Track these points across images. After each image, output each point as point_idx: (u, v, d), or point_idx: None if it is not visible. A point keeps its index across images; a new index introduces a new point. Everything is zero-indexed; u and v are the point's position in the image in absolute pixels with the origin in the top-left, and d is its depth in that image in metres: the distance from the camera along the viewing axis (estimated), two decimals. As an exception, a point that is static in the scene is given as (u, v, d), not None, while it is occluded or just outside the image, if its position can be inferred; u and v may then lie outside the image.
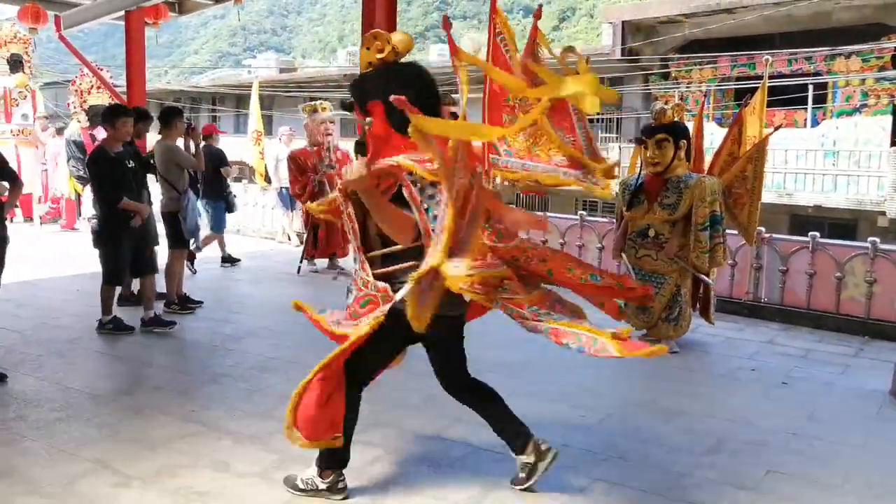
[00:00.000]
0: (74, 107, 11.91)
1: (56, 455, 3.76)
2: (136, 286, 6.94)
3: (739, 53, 18.11)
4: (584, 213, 8.72)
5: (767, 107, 6.33)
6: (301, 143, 9.50)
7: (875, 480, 3.70)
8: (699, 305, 6.20)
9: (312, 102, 8.91)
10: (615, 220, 6.72)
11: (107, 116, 6.08)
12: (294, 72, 33.07)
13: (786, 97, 16.93)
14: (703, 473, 3.71)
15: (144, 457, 3.75)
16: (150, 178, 6.68)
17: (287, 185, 9.82)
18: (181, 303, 6.94)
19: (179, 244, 6.88)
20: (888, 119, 16.06)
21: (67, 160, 11.76)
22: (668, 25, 19.33)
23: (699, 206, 5.65)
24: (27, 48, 13.59)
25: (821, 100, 17.61)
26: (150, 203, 6.51)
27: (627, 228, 6.04)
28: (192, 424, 4.19)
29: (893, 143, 15.39)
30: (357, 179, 2.83)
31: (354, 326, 3.01)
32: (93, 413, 4.36)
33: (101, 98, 11.83)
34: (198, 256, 8.86)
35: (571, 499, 3.42)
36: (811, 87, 17.23)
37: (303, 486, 3.40)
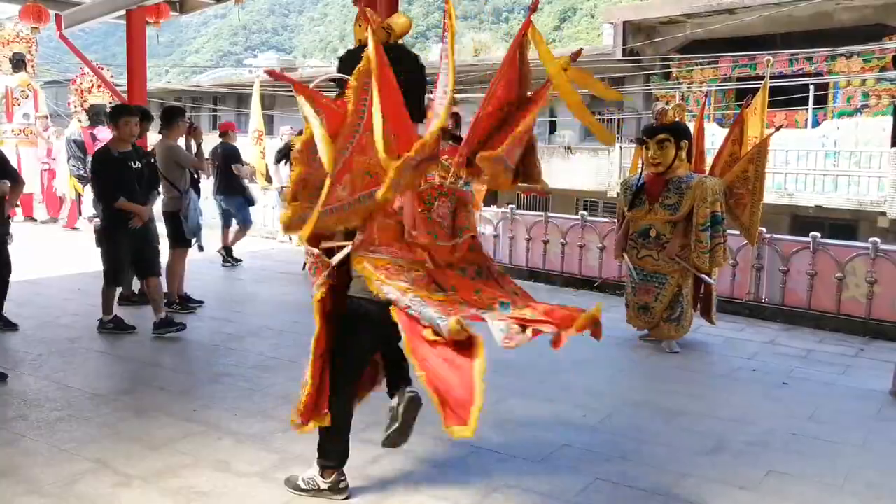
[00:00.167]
0: (75, 106, 11.90)
1: (57, 455, 3.77)
2: (137, 286, 6.95)
3: (740, 54, 18.10)
4: (585, 214, 8.72)
5: (768, 107, 6.33)
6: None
7: (875, 480, 3.70)
8: (700, 306, 6.20)
9: None
10: (616, 221, 6.72)
11: (111, 116, 6.16)
12: (295, 71, 33.05)
13: (787, 97, 16.92)
14: (704, 473, 3.71)
15: (145, 456, 3.75)
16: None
17: (288, 185, 9.81)
18: (182, 302, 6.93)
19: (180, 243, 6.88)
20: (889, 120, 16.06)
21: (68, 159, 11.76)
22: (670, 26, 19.33)
23: (700, 207, 5.65)
24: (31, 48, 13.57)
25: (821, 100, 17.59)
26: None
27: (629, 229, 6.04)
28: (193, 424, 4.20)
29: (894, 144, 15.39)
30: None
31: (313, 296, 3.24)
32: (93, 412, 4.36)
33: (102, 97, 11.84)
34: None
35: (572, 498, 3.43)
36: (812, 88, 17.22)
37: (304, 487, 3.40)
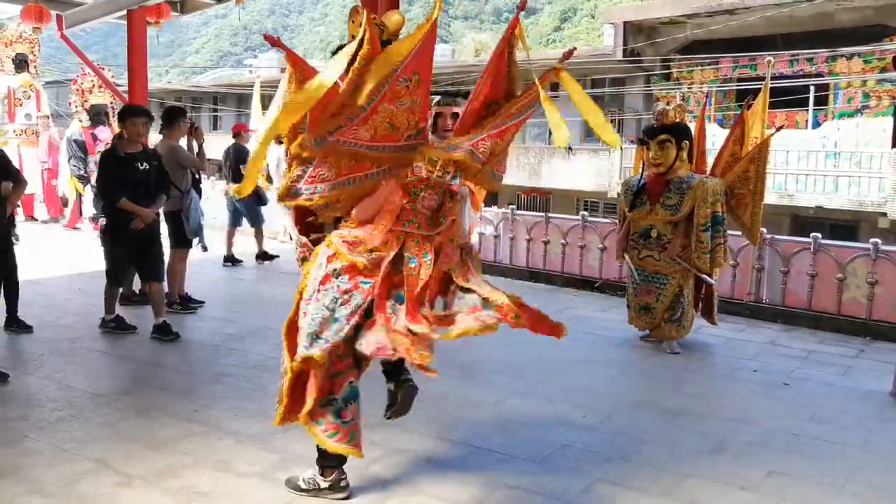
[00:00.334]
0: (76, 106, 11.91)
1: (58, 455, 3.77)
2: (138, 286, 6.95)
3: (741, 55, 18.10)
4: (586, 214, 8.72)
5: (769, 108, 6.33)
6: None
7: (876, 481, 3.70)
8: (702, 306, 6.20)
9: None
10: (618, 221, 6.73)
11: (119, 116, 6.21)
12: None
13: (787, 98, 16.92)
14: (705, 474, 3.71)
15: (146, 456, 3.75)
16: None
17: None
18: (183, 302, 6.94)
19: (182, 244, 6.88)
20: (889, 121, 16.05)
21: (68, 159, 11.76)
22: (670, 26, 19.32)
23: (701, 207, 5.66)
24: (33, 48, 13.57)
25: (822, 101, 17.58)
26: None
27: (630, 229, 6.04)
28: (194, 424, 4.20)
29: (894, 145, 15.38)
30: None
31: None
32: (94, 412, 4.36)
33: (103, 97, 11.85)
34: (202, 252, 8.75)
35: (573, 499, 3.43)
36: (812, 89, 17.21)
37: (305, 487, 3.40)
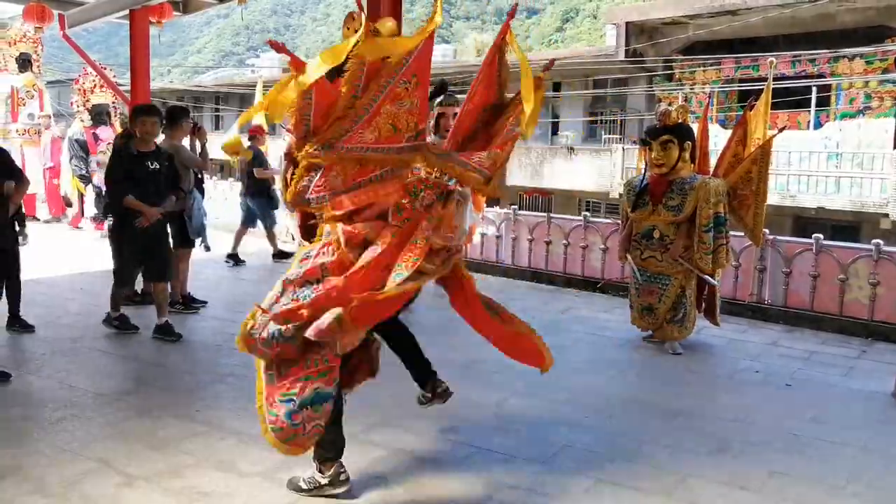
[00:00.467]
0: (77, 106, 11.92)
1: (60, 454, 3.77)
2: (140, 286, 6.95)
3: (743, 55, 18.11)
4: (588, 215, 8.71)
5: (770, 108, 6.32)
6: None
7: (878, 482, 3.70)
8: (705, 307, 6.20)
9: None
10: (620, 222, 6.72)
11: (130, 115, 6.30)
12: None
13: (789, 99, 16.92)
14: (707, 474, 3.71)
15: (149, 456, 3.76)
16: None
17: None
18: (185, 302, 6.93)
19: (184, 244, 6.88)
20: (891, 121, 16.05)
21: (70, 159, 11.77)
22: (672, 27, 19.33)
23: (703, 208, 5.65)
24: (37, 47, 13.57)
25: (824, 102, 17.58)
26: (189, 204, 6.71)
27: (632, 230, 6.04)
28: (197, 424, 4.20)
29: (897, 146, 15.40)
30: None
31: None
32: (97, 412, 4.37)
33: (104, 97, 11.86)
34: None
35: (575, 499, 3.43)
36: (814, 90, 17.22)
37: (306, 487, 3.41)
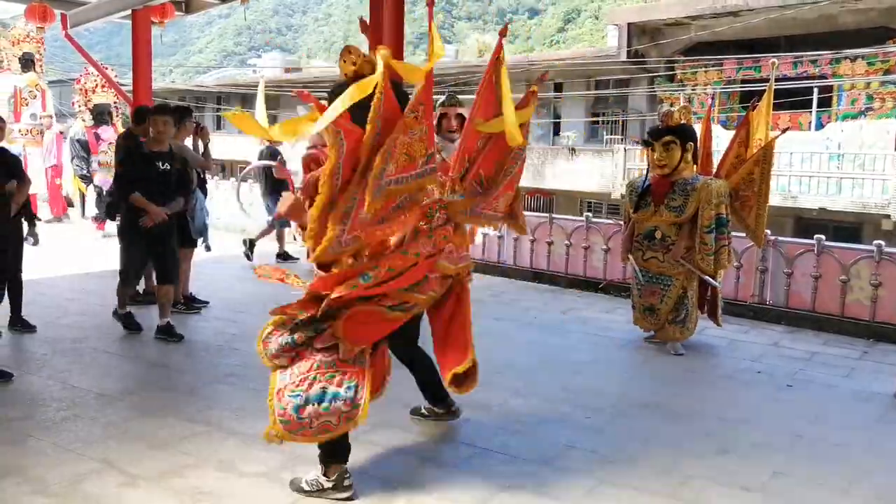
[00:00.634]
0: (79, 105, 11.94)
1: (62, 454, 3.77)
2: (142, 286, 6.96)
3: (745, 56, 18.10)
4: (590, 215, 8.71)
5: (772, 110, 6.32)
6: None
7: (880, 483, 3.70)
8: (707, 307, 6.20)
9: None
10: (622, 223, 6.73)
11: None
12: (299, 71, 33.12)
13: (791, 100, 16.92)
14: (709, 475, 3.71)
15: (150, 456, 3.76)
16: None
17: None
18: (187, 303, 6.94)
19: (186, 244, 6.88)
20: (893, 122, 16.03)
21: (71, 159, 11.80)
22: (674, 28, 19.33)
23: (705, 209, 5.65)
24: (39, 47, 13.60)
25: (826, 103, 17.58)
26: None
27: (634, 230, 6.04)
28: (198, 424, 4.20)
29: (899, 147, 15.38)
30: (289, 209, 3.39)
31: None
32: (99, 412, 4.37)
33: (106, 97, 11.88)
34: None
35: (577, 500, 3.43)
36: (816, 91, 17.21)
37: (308, 488, 3.40)
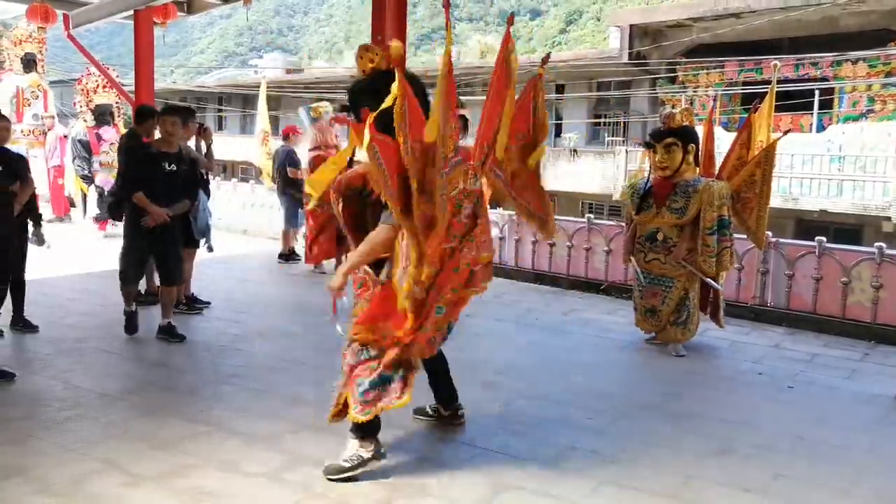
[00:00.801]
0: (80, 106, 11.94)
1: (65, 454, 3.77)
2: (143, 286, 6.96)
3: (747, 58, 18.11)
4: (592, 217, 8.72)
5: (774, 111, 6.33)
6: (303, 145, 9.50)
7: (882, 485, 3.70)
8: (710, 309, 6.21)
9: (315, 104, 8.90)
10: (624, 224, 6.73)
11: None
12: (300, 72, 33.15)
13: (792, 102, 16.93)
14: (711, 476, 3.72)
15: (153, 456, 3.76)
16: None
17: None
18: (189, 303, 6.94)
19: (189, 244, 6.88)
20: (894, 125, 16.04)
21: (73, 159, 11.80)
22: (676, 29, 19.34)
23: (707, 211, 5.66)
24: (41, 47, 13.60)
25: (827, 105, 17.59)
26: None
27: (636, 232, 6.05)
28: (201, 425, 4.20)
29: (900, 149, 15.38)
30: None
31: (355, 306, 3.57)
32: (101, 413, 4.37)
33: (107, 97, 11.88)
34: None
35: (579, 501, 3.43)
36: (817, 93, 17.22)
37: (350, 465, 3.49)
